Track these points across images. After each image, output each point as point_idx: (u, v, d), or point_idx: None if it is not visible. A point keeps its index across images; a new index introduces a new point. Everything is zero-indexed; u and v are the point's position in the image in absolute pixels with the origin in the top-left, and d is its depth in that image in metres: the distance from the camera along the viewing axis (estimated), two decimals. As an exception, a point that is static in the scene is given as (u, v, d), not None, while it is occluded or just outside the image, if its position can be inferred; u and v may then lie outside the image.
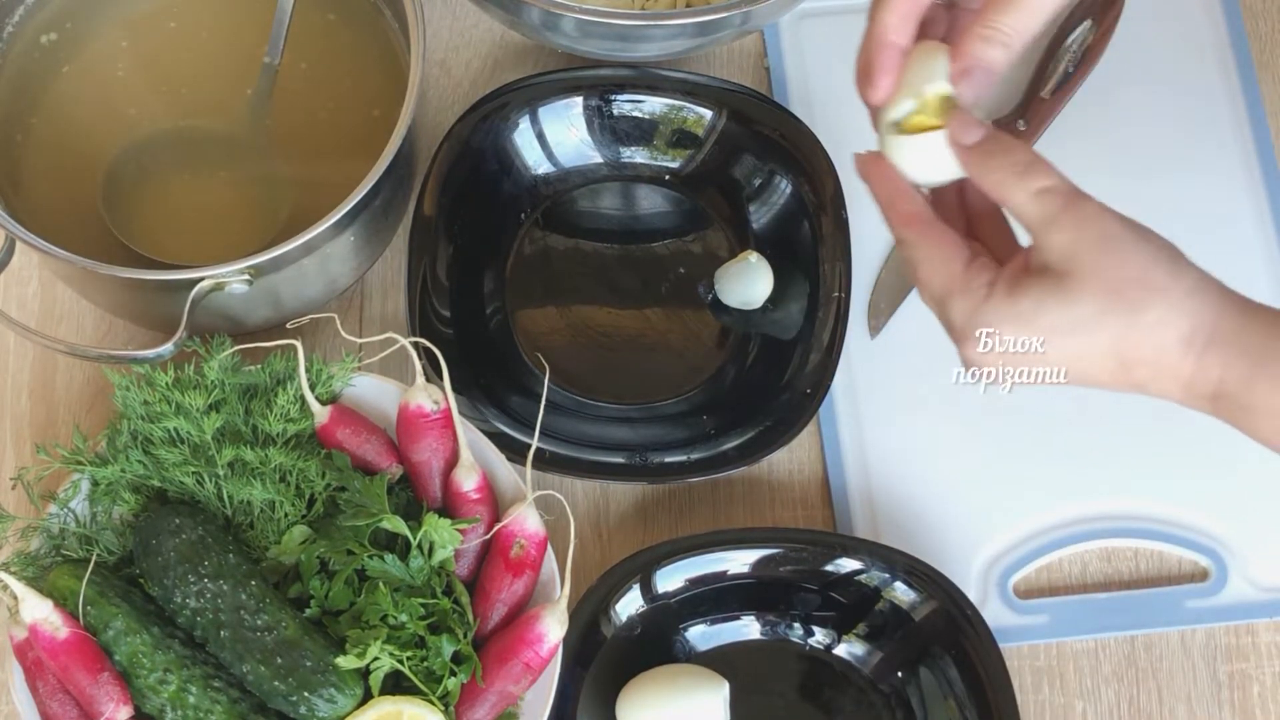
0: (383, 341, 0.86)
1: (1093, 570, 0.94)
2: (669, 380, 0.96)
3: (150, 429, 0.84)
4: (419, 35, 0.87)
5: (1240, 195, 1.00)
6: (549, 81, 0.97)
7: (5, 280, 0.97)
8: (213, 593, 0.81)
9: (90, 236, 0.89)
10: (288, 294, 0.89)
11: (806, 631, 0.90)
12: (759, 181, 0.97)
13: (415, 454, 0.86)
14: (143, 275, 0.83)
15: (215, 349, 0.85)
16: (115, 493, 0.84)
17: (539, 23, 0.93)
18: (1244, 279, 0.96)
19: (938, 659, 0.88)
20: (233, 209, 0.92)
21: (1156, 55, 1.03)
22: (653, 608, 0.89)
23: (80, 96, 0.94)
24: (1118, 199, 0.99)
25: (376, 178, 0.84)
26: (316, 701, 0.79)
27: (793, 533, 0.91)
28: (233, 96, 0.94)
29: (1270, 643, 0.92)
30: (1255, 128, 1.01)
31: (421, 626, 0.81)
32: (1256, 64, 1.03)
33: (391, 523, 0.82)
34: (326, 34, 0.95)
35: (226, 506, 0.85)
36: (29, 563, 0.83)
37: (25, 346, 0.96)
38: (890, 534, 0.92)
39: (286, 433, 0.85)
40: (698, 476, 0.91)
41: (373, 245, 0.94)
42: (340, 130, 0.93)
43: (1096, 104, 1.02)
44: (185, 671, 0.80)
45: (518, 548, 0.84)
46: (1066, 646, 0.92)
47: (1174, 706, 0.91)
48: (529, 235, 0.99)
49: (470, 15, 1.04)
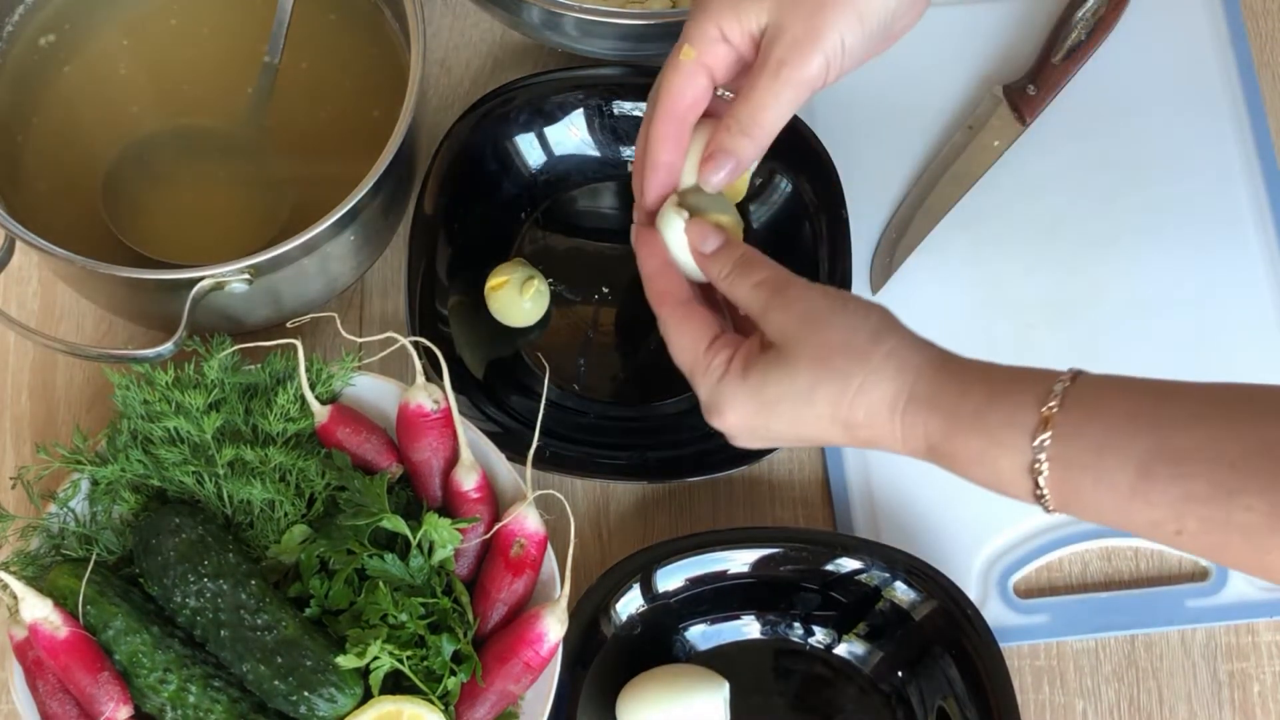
0: (383, 341, 0.86)
1: (1093, 570, 0.94)
2: (669, 380, 0.95)
3: (150, 428, 0.84)
4: (419, 35, 0.87)
5: (1240, 195, 1.00)
6: (549, 81, 0.97)
7: (5, 280, 0.97)
8: (213, 592, 0.81)
9: (90, 236, 0.89)
10: (288, 293, 0.89)
11: (806, 631, 0.90)
12: (759, 181, 0.97)
13: (415, 453, 0.86)
14: (143, 275, 0.83)
15: (215, 348, 0.85)
16: (115, 492, 0.84)
17: (539, 22, 0.93)
18: (1244, 279, 0.98)
19: (938, 659, 0.88)
20: (233, 208, 0.92)
21: (1156, 55, 1.03)
22: (653, 607, 0.89)
23: (81, 96, 0.94)
24: (1118, 199, 1.00)
25: (376, 177, 0.84)
26: (316, 701, 0.79)
27: (793, 532, 0.91)
28: (233, 96, 0.94)
29: (1270, 642, 0.92)
30: (1255, 128, 1.01)
31: (421, 626, 0.81)
32: (1256, 64, 1.03)
33: (391, 522, 0.82)
34: (327, 34, 0.95)
35: (226, 506, 0.85)
36: (29, 562, 0.83)
37: (25, 346, 0.96)
38: (890, 533, 0.92)
39: (286, 432, 0.85)
40: (698, 476, 0.91)
41: (373, 245, 0.94)
42: (340, 130, 0.94)
43: (1097, 104, 1.02)
44: (185, 671, 0.80)
45: (518, 547, 0.84)
46: (1067, 646, 0.92)
47: (1174, 706, 0.91)
48: (529, 235, 0.99)
49: (470, 15, 1.04)
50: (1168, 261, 0.98)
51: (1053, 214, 1.00)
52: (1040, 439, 0.66)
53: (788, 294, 0.74)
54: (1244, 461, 0.62)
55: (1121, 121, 1.02)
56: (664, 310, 0.78)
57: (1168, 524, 0.64)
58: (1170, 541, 0.65)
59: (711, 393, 0.75)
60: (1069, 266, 0.99)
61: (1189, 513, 0.63)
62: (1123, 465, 0.64)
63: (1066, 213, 1.00)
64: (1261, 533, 0.61)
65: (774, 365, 0.73)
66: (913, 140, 1.01)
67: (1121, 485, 0.64)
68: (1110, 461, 0.65)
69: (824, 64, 0.75)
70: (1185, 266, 0.98)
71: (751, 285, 0.75)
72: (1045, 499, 0.67)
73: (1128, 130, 1.01)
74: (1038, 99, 1.00)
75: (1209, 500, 0.62)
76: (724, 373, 0.74)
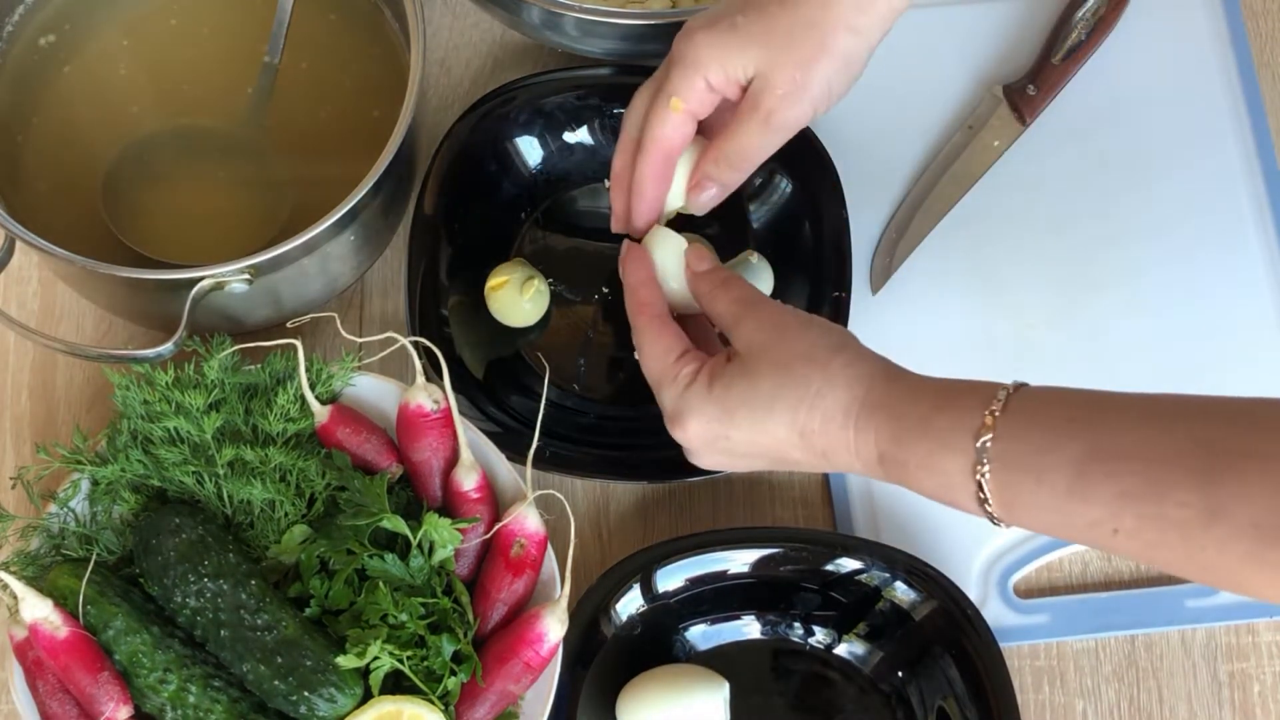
0: (383, 341, 0.86)
1: (1093, 570, 0.94)
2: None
3: (150, 428, 0.84)
4: (419, 35, 0.87)
5: (1240, 195, 1.00)
6: (549, 81, 0.97)
7: (5, 280, 0.97)
8: (213, 592, 0.81)
9: (90, 236, 0.89)
10: (288, 293, 0.89)
11: (807, 631, 0.90)
12: (759, 181, 0.97)
13: (415, 453, 0.86)
14: (143, 275, 0.83)
15: (215, 348, 0.85)
16: (115, 492, 0.84)
17: (539, 22, 0.93)
18: (1244, 279, 0.98)
19: (938, 659, 0.88)
20: (233, 208, 0.92)
21: (1156, 55, 1.03)
22: (653, 607, 0.89)
23: (81, 96, 0.94)
24: (1118, 198, 1.00)
25: (376, 177, 0.84)
26: (316, 701, 0.79)
27: (793, 532, 0.91)
28: (233, 96, 0.94)
29: (1270, 642, 0.92)
30: (1255, 127, 1.01)
31: (421, 626, 0.81)
32: (1256, 64, 1.03)
33: (391, 522, 0.82)
34: (327, 33, 0.95)
35: (226, 506, 0.85)
36: (29, 562, 0.83)
37: (25, 346, 0.96)
38: (890, 533, 0.92)
39: (286, 432, 0.85)
40: (698, 476, 0.91)
41: (373, 245, 0.94)
42: (340, 130, 0.94)
43: (1097, 104, 1.02)
44: (185, 671, 0.80)
45: (518, 547, 0.84)
46: (1067, 646, 0.92)
47: (1174, 706, 0.91)
48: (529, 235, 0.99)
49: (470, 15, 1.04)
50: (1168, 261, 0.98)
51: (1053, 214, 1.00)
52: (983, 440, 0.69)
53: (760, 308, 0.79)
54: (1177, 459, 0.64)
55: (1121, 122, 1.02)
56: (641, 320, 0.83)
57: (1105, 523, 0.66)
58: (1108, 543, 0.66)
59: (676, 401, 0.79)
60: (1069, 266, 0.99)
61: (1125, 510, 0.65)
62: (1060, 465, 0.67)
63: (1066, 213, 1.00)
64: (1195, 528, 0.63)
65: (738, 374, 0.77)
66: (913, 140, 1.01)
67: (1059, 485, 0.67)
68: (1049, 460, 0.67)
69: (810, 110, 0.81)
70: (1185, 266, 0.98)
71: (731, 299, 0.81)
72: (989, 503, 0.70)
73: (1128, 130, 1.01)
74: (1038, 99, 1.00)
75: (1143, 497, 0.64)
76: (690, 382, 0.79)
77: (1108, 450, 0.66)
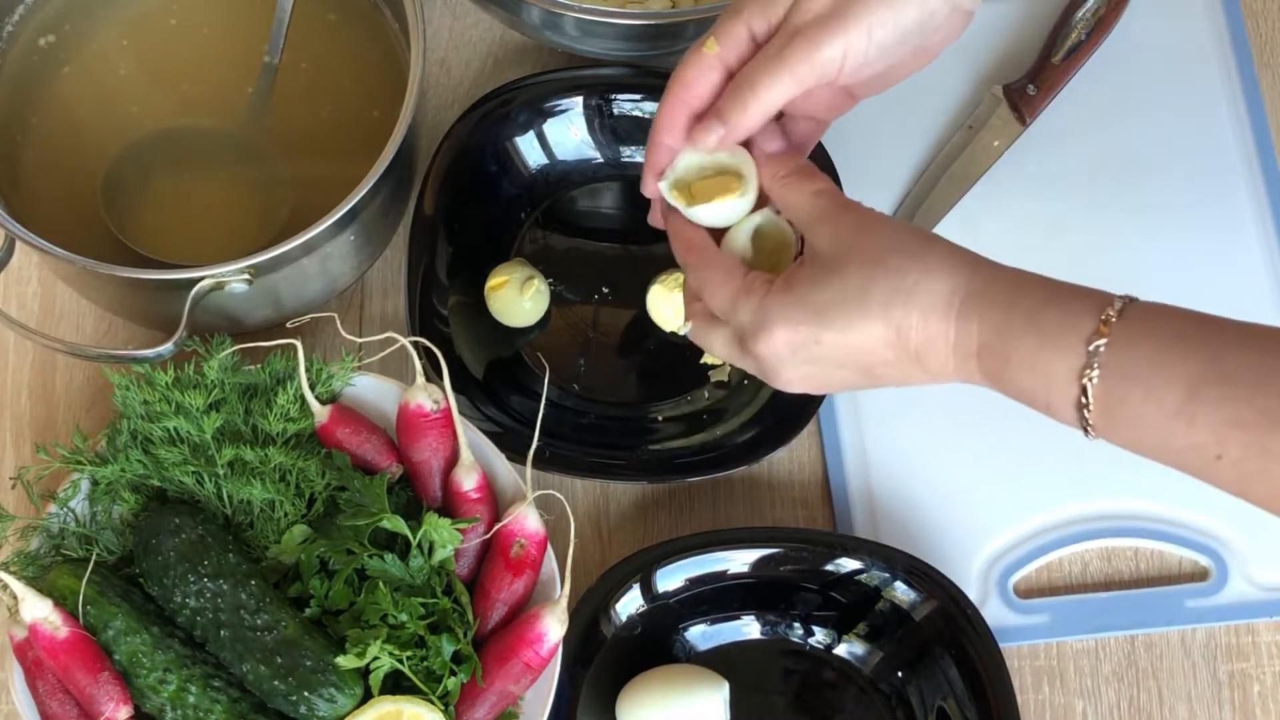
0: (383, 341, 0.86)
1: (1093, 570, 0.94)
2: (669, 380, 0.96)
3: (150, 428, 0.84)
4: (419, 35, 0.87)
5: (1240, 195, 1.00)
6: (549, 81, 0.97)
7: (5, 280, 0.97)
8: (212, 592, 0.81)
9: (90, 236, 0.89)
10: (288, 293, 0.89)
11: (806, 631, 0.90)
12: (759, 181, 0.97)
13: (415, 453, 0.86)
14: (143, 275, 0.83)
15: (215, 348, 0.85)
16: (115, 492, 0.84)
17: (539, 22, 0.93)
18: (1244, 278, 0.98)
19: (938, 659, 0.88)
20: (233, 208, 0.92)
21: (1156, 55, 1.03)
22: (653, 607, 0.89)
23: (80, 96, 0.94)
24: (1118, 198, 1.00)
25: (376, 177, 0.84)
26: (316, 701, 0.79)
27: (793, 532, 0.91)
28: (233, 96, 0.94)
29: (1270, 642, 0.92)
30: (1255, 128, 1.01)
31: (421, 626, 0.81)
32: (1256, 64, 1.03)
33: (391, 522, 0.82)
34: (327, 33, 0.95)
35: (226, 506, 0.85)
36: (29, 562, 0.83)
37: (25, 346, 0.96)
38: (890, 533, 0.92)
39: (286, 432, 0.85)
40: (698, 476, 0.91)
41: (373, 245, 0.94)
42: (340, 130, 0.93)
43: (1097, 103, 1.02)
44: (185, 671, 0.80)
45: (518, 547, 0.83)
46: (1067, 646, 0.92)
47: (1174, 706, 0.91)
48: (529, 235, 0.99)
49: (470, 15, 1.04)
50: (1168, 261, 0.98)
51: (1053, 214, 1.00)
52: (1096, 344, 0.66)
53: (845, 202, 0.73)
54: None
55: (1121, 121, 1.01)
56: (692, 257, 0.76)
57: (1209, 448, 0.63)
58: (1206, 468, 0.64)
59: (755, 313, 0.72)
60: (1069, 266, 0.97)
61: (1231, 437, 0.63)
62: (1172, 383, 0.64)
63: (1066, 213, 1.00)
64: None
65: (823, 273, 0.71)
66: (913, 140, 1.01)
67: (1169, 402, 0.64)
68: (1162, 376, 0.64)
69: (842, 50, 0.72)
70: (1185, 266, 0.98)
71: (812, 191, 0.74)
72: (1089, 411, 0.66)
73: (1128, 130, 1.01)
74: (1038, 99, 1.00)
75: (1253, 426, 0.62)
76: (767, 290, 0.72)
77: (1222, 374, 0.63)
